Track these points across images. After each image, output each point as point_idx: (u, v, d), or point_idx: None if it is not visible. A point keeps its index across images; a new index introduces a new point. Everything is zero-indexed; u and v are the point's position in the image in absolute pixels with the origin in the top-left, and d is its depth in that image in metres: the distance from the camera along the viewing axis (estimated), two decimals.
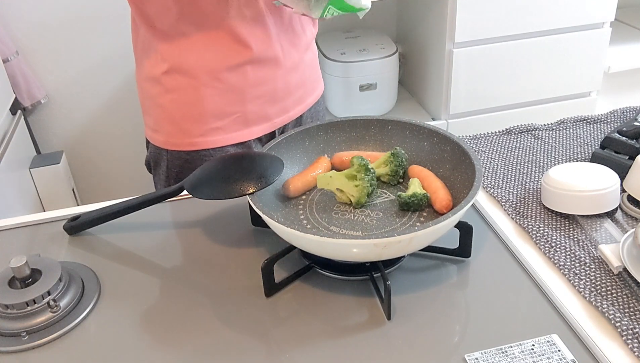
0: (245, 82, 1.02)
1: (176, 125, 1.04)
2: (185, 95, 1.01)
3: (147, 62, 1.03)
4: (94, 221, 0.86)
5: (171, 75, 1.00)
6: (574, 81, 1.90)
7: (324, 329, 0.68)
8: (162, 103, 1.03)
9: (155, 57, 1.00)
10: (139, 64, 1.06)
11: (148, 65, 1.02)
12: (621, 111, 1.13)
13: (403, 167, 0.85)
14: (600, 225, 0.82)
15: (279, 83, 1.05)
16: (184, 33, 0.97)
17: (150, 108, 1.07)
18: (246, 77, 1.01)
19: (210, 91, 1.01)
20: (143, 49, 1.03)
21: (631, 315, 0.67)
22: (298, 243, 0.71)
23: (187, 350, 0.66)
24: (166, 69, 1.00)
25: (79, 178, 2.08)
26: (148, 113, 1.09)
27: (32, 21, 1.82)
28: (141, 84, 1.07)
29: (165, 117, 1.05)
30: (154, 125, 1.08)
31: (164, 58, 0.99)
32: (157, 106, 1.05)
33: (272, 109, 1.07)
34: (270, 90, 1.05)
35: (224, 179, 0.78)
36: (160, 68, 1.00)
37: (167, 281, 0.77)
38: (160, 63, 1.00)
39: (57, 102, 1.95)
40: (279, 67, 1.03)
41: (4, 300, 0.69)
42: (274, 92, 1.05)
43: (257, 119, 1.06)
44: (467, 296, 0.72)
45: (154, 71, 1.02)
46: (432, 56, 1.84)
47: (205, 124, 1.03)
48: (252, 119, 1.05)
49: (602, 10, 1.80)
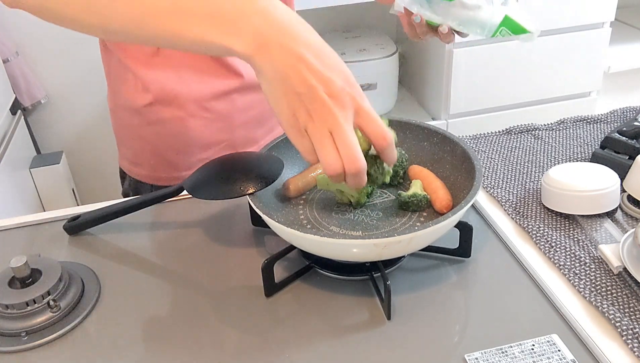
0: (234, 109, 0.97)
1: (160, 158, 0.98)
2: (171, 127, 0.94)
3: (124, 89, 0.94)
4: (94, 221, 0.85)
5: (155, 106, 0.93)
6: (574, 81, 1.90)
7: (324, 329, 0.68)
8: (144, 135, 0.96)
9: (135, 86, 0.92)
10: (114, 91, 0.97)
11: (126, 93, 0.94)
12: (621, 111, 1.13)
13: (403, 167, 0.85)
14: (600, 225, 0.82)
15: (266, 105, 0.99)
16: (169, 59, 0.90)
17: (129, 139, 1.00)
18: (234, 104, 0.96)
19: (197, 121, 0.94)
20: (118, 75, 0.94)
21: (631, 315, 0.67)
22: (298, 243, 0.71)
23: (187, 350, 0.66)
24: (150, 100, 0.92)
25: (79, 178, 2.08)
26: (125, 144, 1.01)
27: (32, 21, 1.81)
28: (117, 112, 0.99)
29: (148, 149, 0.98)
30: (134, 158, 1.01)
31: (145, 88, 0.91)
32: (137, 137, 0.97)
33: (259, 131, 1.03)
34: (257, 113, 1.01)
35: (224, 179, 0.78)
36: (142, 99, 0.92)
37: (167, 281, 0.77)
38: (142, 93, 0.92)
39: (57, 102, 1.95)
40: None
41: (4, 300, 0.69)
42: (260, 115, 1.02)
43: (245, 143, 1.02)
44: (467, 296, 0.72)
45: (133, 101, 0.93)
46: (432, 56, 1.85)
47: (192, 155, 0.97)
48: (239, 144, 1.01)
49: (602, 10, 1.80)
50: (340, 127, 0.57)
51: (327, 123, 0.57)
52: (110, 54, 0.95)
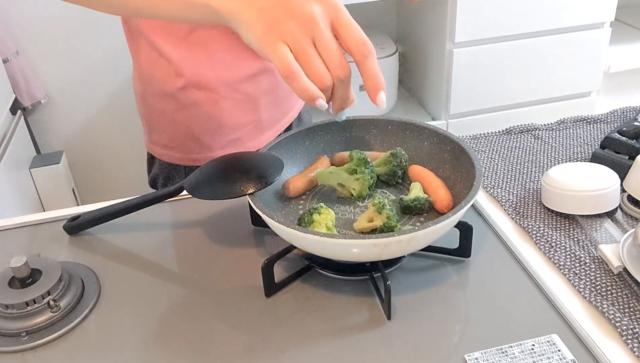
0: (259, 91, 1.02)
1: (195, 140, 1.02)
2: (204, 109, 0.99)
3: (157, 75, 0.98)
4: (94, 221, 0.86)
5: (188, 90, 0.97)
6: (574, 81, 1.90)
7: (324, 329, 0.68)
8: (178, 119, 1.01)
9: (168, 71, 0.96)
10: (144, 77, 1.01)
11: (159, 79, 0.98)
12: (621, 111, 1.13)
13: (402, 167, 0.85)
14: (600, 225, 0.82)
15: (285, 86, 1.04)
16: (201, 43, 0.94)
17: (162, 124, 1.03)
18: (260, 85, 1.01)
19: (228, 103, 1.00)
20: (149, 61, 0.98)
21: (631, 315, 0.67)
22: (298, 243, 0.71)
23: (187, 350, 0.66)
24: (183, 84, 0.97)
25: (79, 178, 2.08)
26: (157, 130, 1.05)
27: (32, 21, 1.82)
28: (147, 98, 1.03)
29: (182, 133, 1.02)
30: (168, 142, 1.04)
31: (179, 72, 0.96)
32: (171, 121, 1.02)
33: (279, 112, 1.08)
34: (279, 94, 1.06)
35: (224, 179, 0.78)
36: (175, 83, 0.97)
37: (167, 281, 0.77)
38: (175, 78, 0.96)
39: (57, 102, 1.95)
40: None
41: (4, 300, 0.69)
42: (281, 97, 1.07)
43: (269, 124, 1.07)
44: (467, 296, 0.72)
45: (167, 86, 0.98)
46: (432, 56, 1.85)
47: (224, 136, 1.03)
48: (265, 126, 1.06)
49: (602, 10, 1.80)
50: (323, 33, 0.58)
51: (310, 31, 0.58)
52: (138, 41, 0.98)
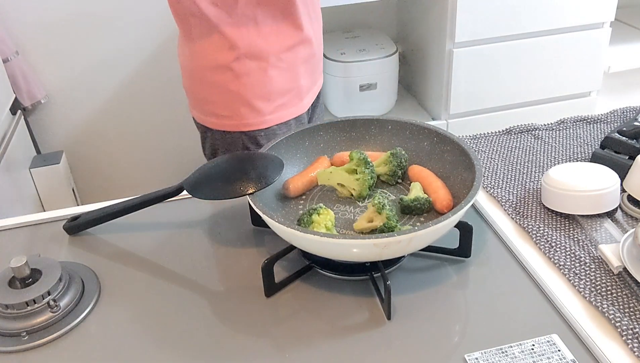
0: (298, 60, 1.14)
1: (250, 107, 1.12)
2: (256, 77, 1.10)
3: (211, 49, 1.08)
4: (94, 221, 0.86)
5: (242, 61, 1.08)
6: (574, 81, 1.90)
7: (324, 329, 0.68)
8: (234, 88, 1.10)
9: (222, 45, 1.07)
10: (198, 56, 1.11)
11: (213, 52, 1.08)
12: (621, 111, 1.13)
13: (402, 167, 0.85)
14: (600, 225, 0.82)
15: (316, 57, 1.18)
16: (250, 19, 1.05)
17: (218, 95, 1.13)
18: (298, 55, 1.13)
19: (275, 71, 1.11)
20: (202, 37, 1.07)
21: (631, 315, 0.67)
22: (298, 243, 0.71)
23: (187, 350, 0.66)
24: (236, 55, 1.07)
25: (79, 178, 2.08)
26: (213, 101, 1.14)
27: (32, 21, 1.81)
28: (203, 74, 1.12)
29: (238, 100, 1.12)
30: (225, 111, 1.14)
31: (232, 46, 1.06)
32: (227, 92, 1.11)
33: (311, 80, 1.20)
34: (312, 64, 1.18)
35: (224, 179, 0.78)
36: (229, 55, 1.07)
37: (167, 281, 0.77)
38: (228, 51, 1.07)
39: (57, 102, 1.95)
40: (314, 43, 1.16)
41: (4, 300, 0.69)
42: (313, 66, 1.19)
43: (306, 91, 1.19)
44: (467, 296, 0.72)
45: (221, 59, 1.08)
46: (432, 56, 1.84)
47: (273, 102, 1.14)
48: (303, 93, 1.18)
49: (602, 10, 1.79)
50: None
51: None
52: (190, 21, 1.07)
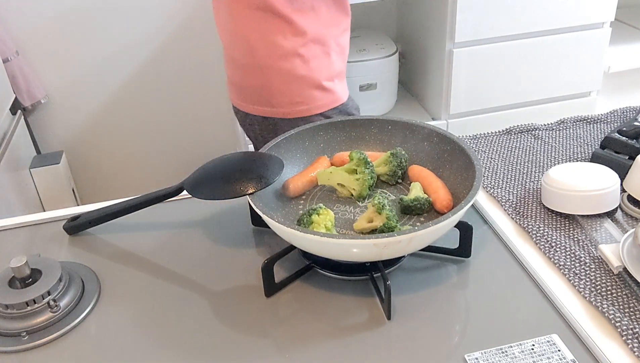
0: (347, 44, 1.25)
1: (320, 88, 1.21)
2: (321, 61, 1.20)
3: (280, 38, 1.16)
4: (94, 221, 0.86)
5: (308, 46, 1.17)
6: (574, 81, 1.90)
7: (324, 329, 0.68)
8: (303, 74, 1.19)
9: (292, 32, 1.16)
10: (269, 49, 1.17)
11: (283, 41, 1.16)
12: (621, 111, 1.13)
13: (402, 167, 0.85)
14: (600, 225, 0.82)
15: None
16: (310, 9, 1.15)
17: (289, 84, 1.20)
18: (347, 39, 1.24)
19: (335, 54, 1.22)
20: (270, 29, 1.15)
21: (631, 315, 0.67)
22: (298, 243, 0.71)
23: (187, 350, 0.66)
24: (304, 41, 1.16)
25: (79, 178, 2.08)
26: (281, 91, 1.21)
27: (32, 21, 1.81)
28: (274, 65, 1.19)
29: (308, 84, 1.20)
30: (295, 97, 1.21)
31: (299, 33, 1.15)
32: (297, 78, 1.19)
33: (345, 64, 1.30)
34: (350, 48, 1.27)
35: (224, 179, 0.78)
36: (298, 42, 1.16)
37: (167, 281, 0.77)
38: (297, 38, 1.16)
39: (57, 102, 1.95)
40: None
41: (4, 300, 0.69)
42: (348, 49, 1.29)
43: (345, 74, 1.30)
44: (467, 296, 0.72)
45: (291, 47, 1.16)
46: (432, 56, 1.84)
47: (336, 83, 1.24)
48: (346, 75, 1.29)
49: (602, 10, 1.79)
50: None
51: None
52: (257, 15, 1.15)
